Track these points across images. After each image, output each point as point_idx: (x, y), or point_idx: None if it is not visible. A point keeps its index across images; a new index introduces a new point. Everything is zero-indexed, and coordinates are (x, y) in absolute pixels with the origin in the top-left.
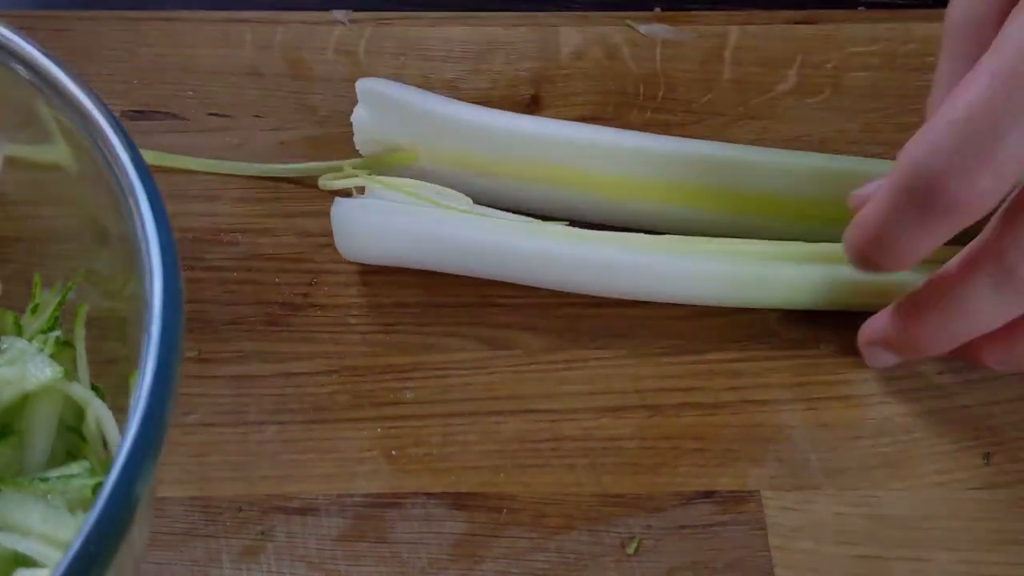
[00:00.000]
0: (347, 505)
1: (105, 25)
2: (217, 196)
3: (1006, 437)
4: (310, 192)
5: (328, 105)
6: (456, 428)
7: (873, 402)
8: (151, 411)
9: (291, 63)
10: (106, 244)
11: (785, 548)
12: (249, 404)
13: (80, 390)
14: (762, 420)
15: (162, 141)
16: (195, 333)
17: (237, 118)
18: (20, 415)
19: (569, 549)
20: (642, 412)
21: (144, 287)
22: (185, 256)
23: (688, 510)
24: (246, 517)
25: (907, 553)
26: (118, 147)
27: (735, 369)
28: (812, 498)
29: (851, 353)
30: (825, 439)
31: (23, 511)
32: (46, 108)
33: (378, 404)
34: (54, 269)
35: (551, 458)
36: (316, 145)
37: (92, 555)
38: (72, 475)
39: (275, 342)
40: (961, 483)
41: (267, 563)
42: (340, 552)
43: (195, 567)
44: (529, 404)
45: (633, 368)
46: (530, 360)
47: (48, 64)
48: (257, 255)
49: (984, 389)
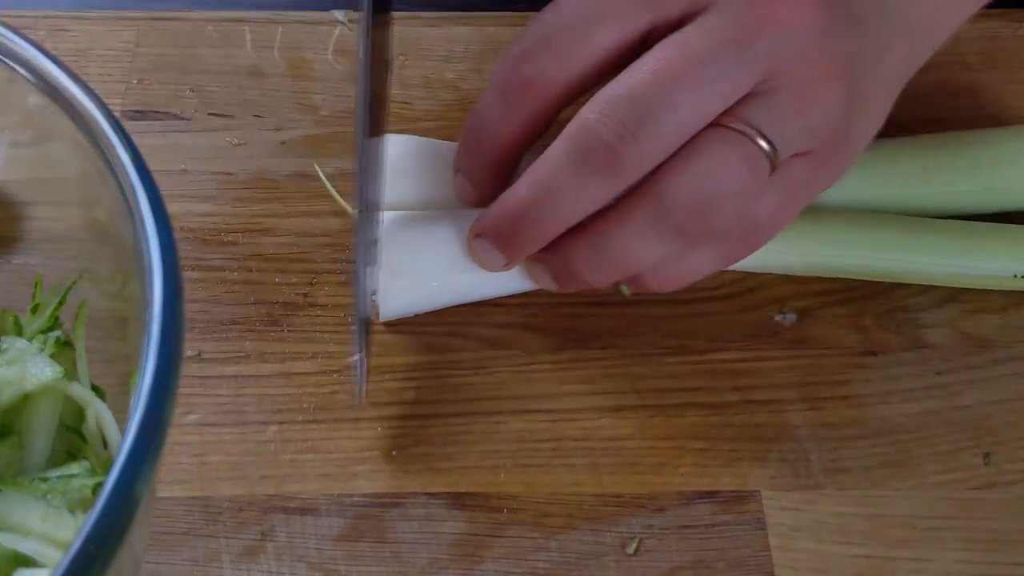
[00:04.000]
0: (347, 505)
1: (105, 25)
2: (217, 196)
3: (1006, 437)
4: (310, 192)
5: (328, 105)
6: (456, 428)
7: (874, 402)
8: (151, 411)
9: (291, 63)
10: (106, 244)
11: (786, 548)
12: (249, 404)
13: (80, 390)
14: (764, 420)
15: (162, 141)
16: (195, 333)
17: (237, 118)
18: (20, 415)
19: (570, 549)
20: (643, 412)
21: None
22: (185, 256)
23: (689, 510)
24: (246, 517)
25: (907, 553)
26: (118, 147)
27: (737, 369)
28: (813, 498)
29: (852, 353)
30: (826, 439)
31: (23, 511)
32: (46, 108)
33: (378, 404)
34: (54, 269)
35: (551, 458)
36: (316, 145)
37: (92, 555)
38: (72, 475)
39: (275, 342)
40: (961, 483)
41: (267, 563)
42: (340, 552)
43: (195, 567)
44: (529, 404)
45: (634, 368)
46: (530, 360)
47: (48, 64)
48: (257, 255)
49: (984, 389)
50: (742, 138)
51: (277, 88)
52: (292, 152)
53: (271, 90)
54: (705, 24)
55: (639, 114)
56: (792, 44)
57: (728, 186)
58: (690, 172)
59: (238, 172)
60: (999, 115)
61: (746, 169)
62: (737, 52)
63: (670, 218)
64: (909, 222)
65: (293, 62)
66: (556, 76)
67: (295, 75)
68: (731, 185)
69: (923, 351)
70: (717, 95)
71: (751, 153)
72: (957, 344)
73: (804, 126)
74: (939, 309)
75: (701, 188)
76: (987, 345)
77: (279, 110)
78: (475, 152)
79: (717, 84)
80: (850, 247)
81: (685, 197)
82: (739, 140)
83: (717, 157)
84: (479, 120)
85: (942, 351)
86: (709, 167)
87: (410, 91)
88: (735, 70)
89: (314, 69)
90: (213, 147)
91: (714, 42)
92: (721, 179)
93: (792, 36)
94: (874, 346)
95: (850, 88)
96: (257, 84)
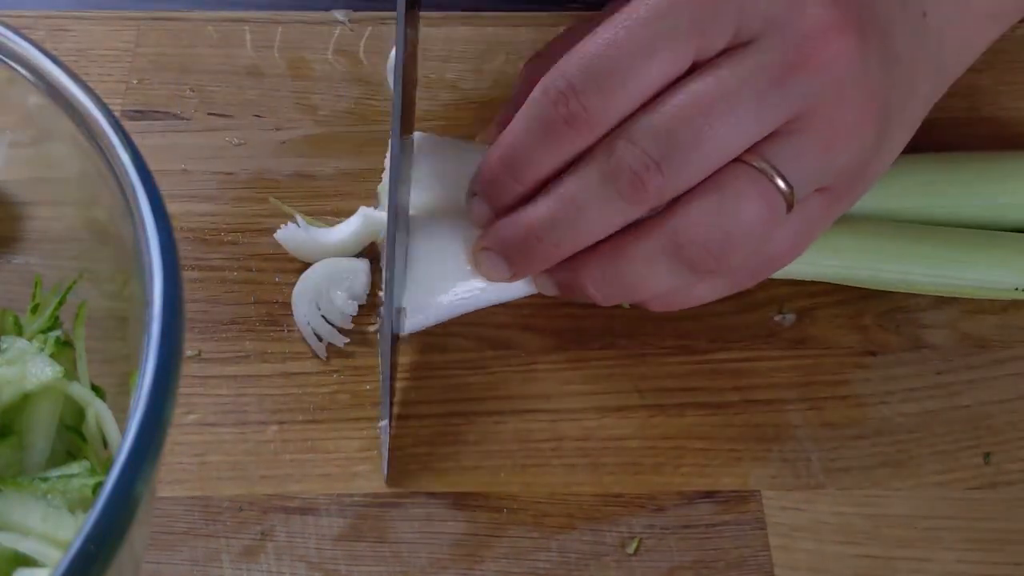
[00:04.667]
0: (347, 505)
1: (105, 25)
2: (217, 196)
3: (1006, 437)
4: (310, 192)
5: (328, 105)
6: (456, 428)
7: (874, 402)
8: (151, 411)
9: (291, 63)
10: (106, 244)
11: (786, 548)
12: (249, 404)
13: (80, 390)
14: (764, 420)
15: (162, 141)
16: (195, 333)
17: (237, 118)
18: (20, 415)
19: (570, 549)
20: (643, 412)
21: (144, 287)
22: (185, 256)
23: (690, 510)
24: (246, 517)
25: (908, 553)
26: (118, 147)
27: (737, 369)
28: (813, 498)
29: (852, 353)
30: (826, 439)
31: (23, 511)
32: (46, 108)
33: (378, 404)
34: (54, 269)
35: (551, 458)
36: (316, 144)
37: (92, 555)
38: (72, 475)
39: (275, 342)
40: (961, 483)
41: (267, 563)
42: (340, 552)
43: (195, 567)
44: (529, 404)
45: (634, 368)
46: (530, 360)
47: (48, 64)
48: (257, 255)
49: (984, 389)
50: (763, 178)
51: (277, 88)
52: (292, 152)
53: (271, 90)
54: (745, 60)
55: (667, 146)
56: (830, 85)
57: (744, 225)
58: (707, 210)
59: (238, 172)
60: (997, 116)
61: (765, 210)
62: (773, 91)
63: (683, 254)
64: (909, 231)
65: (293, 62)
66: (605, 113)
67: (295, 75)
68: (747, 224)
69: (923, 351)
70: (745, 134)
71: (770, 194)
72: (957, 344)
73: (827, 166)
74: (939, 309)
75: (717, 227)
76: (987, 345)
77: (279, 110)
78: (505, 184)
79: (746, 123)
80: (850, 256)
81: (701, 235)
82: (759, 180)
83: (736, 196)
84: (514, 152)
85: (942, 351)
86: (727, 206)
87: None
88: (768, 110)
89: (314, 69)
90: (213, 147)
91: (752, 79)
92: (738, 219)
93: (831, 77)
94: (874, 346)
95: (878, 129)
96: (257, 84)
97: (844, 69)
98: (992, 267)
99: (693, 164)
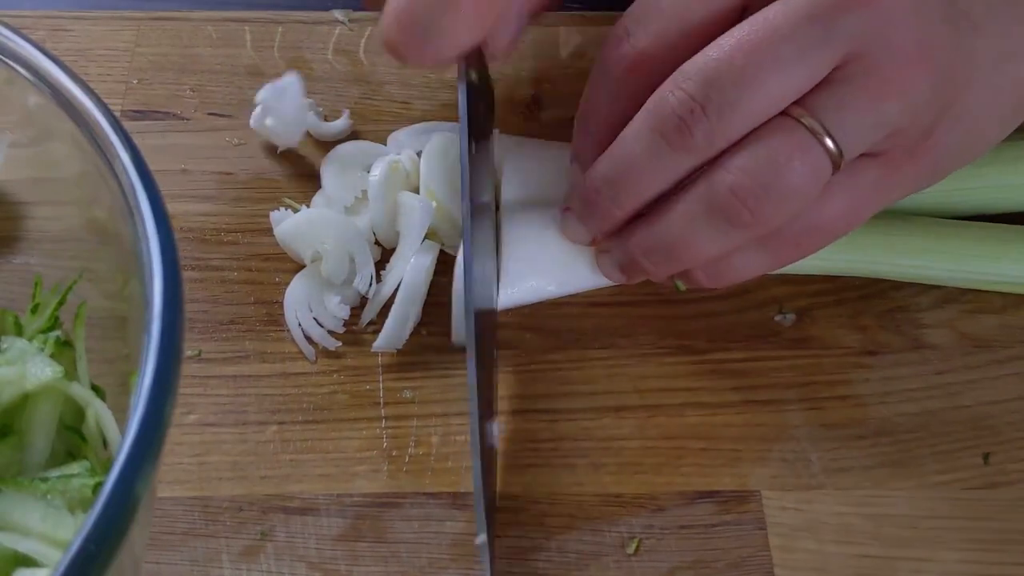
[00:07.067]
0: (347, 505)
1: (105, 25)
2: (217, 196)
3: (1006, 437)
4: (310, 192)
5: (328, 105)
6: (456, 428)
7: (873, 402)
8: (151, 411)
9: (291, 63)
10: (106, 244)
11: (786, 548)
12: (249, 404)
13: (80, 390)
14: (764, 420)
15: (162, 141)
16: (195, 333)
17: (237, 118)
18: (20, 415)
19: (570, 549)
20: (643, 412)
21: (144, 287)
22: (185, 256)
23: (689, 510)
24: (246, 517)
25: (908, 553)
26: (118, 147)
27: (737, 369)
28: (813, 498)
29: (852, 353)
30: (826, 439)
31: (23, 511)
32: (46, 108)
33: (378, 404)
34: (54, 269)
35: (551, 458)
36: (316, 144)
37: (92, 555)
38: (72, 475)
39: (275, 342)
40: (961, 483)
41: (267, 563)
42: (340, 552)
43: (195, 567)
44: (529, 404)
45: (634, 368)
46: (530, 360)
47: (48, 64)
48: (257, 255)
49: (984, 389)
50: (807, 134)
51: None
52: (292, 152)
53: None
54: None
55: (711, 88)
56: (878, 22)
57: (784, 179)
58: (746, 159)
59: (238, 172)
60: None
61: (807, 168)
62: (819, 29)
63: (719, 202)
64: (915, 223)
65: (293, 62)
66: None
67: None
68: (787, 179)
69: (923, 351)
70: (792, 77)
71: (813, 151)
72: (957, 344)
73: (877, 119)
74: (939, 309)
75: (755, 177)
76: (987, 345)
77: None
78: (586, 135)
79: (793, 64)
80: (855, 249)
81: (737, 184)
82: (803, 136)
83: (777, 150)
84: (590, 104)
85: (942, 351)
86: (766, 158)
87: (410, 91)
88: (814, 50)
89: (314, 69)
90: (213, 147)
91: (798, 18)
92: (778, 172)
93: (879, 13)
94: (874, 346)
95: (937, 80)
96: (257, 84)
97: (894, 8)
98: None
99: (737, 108)
